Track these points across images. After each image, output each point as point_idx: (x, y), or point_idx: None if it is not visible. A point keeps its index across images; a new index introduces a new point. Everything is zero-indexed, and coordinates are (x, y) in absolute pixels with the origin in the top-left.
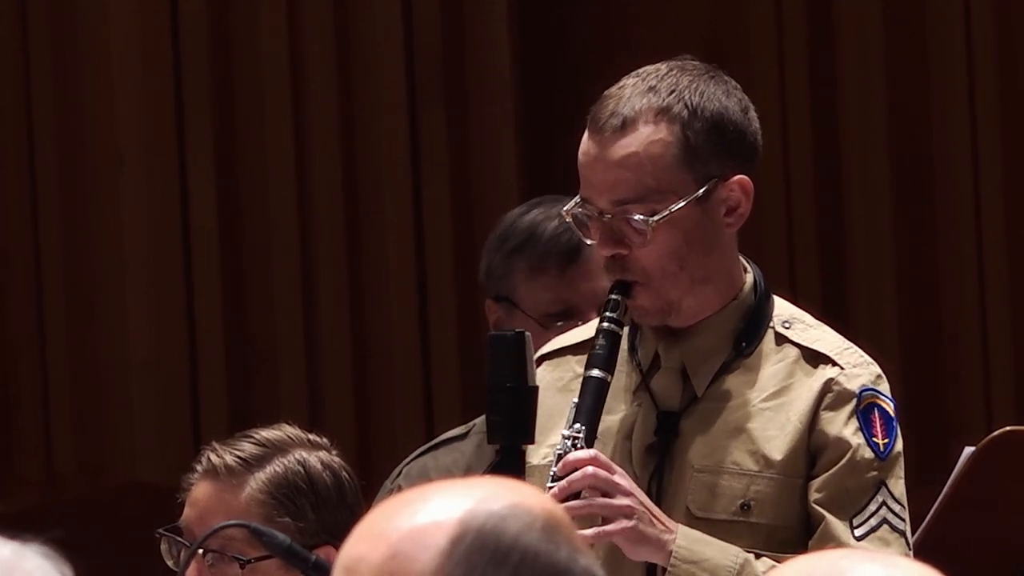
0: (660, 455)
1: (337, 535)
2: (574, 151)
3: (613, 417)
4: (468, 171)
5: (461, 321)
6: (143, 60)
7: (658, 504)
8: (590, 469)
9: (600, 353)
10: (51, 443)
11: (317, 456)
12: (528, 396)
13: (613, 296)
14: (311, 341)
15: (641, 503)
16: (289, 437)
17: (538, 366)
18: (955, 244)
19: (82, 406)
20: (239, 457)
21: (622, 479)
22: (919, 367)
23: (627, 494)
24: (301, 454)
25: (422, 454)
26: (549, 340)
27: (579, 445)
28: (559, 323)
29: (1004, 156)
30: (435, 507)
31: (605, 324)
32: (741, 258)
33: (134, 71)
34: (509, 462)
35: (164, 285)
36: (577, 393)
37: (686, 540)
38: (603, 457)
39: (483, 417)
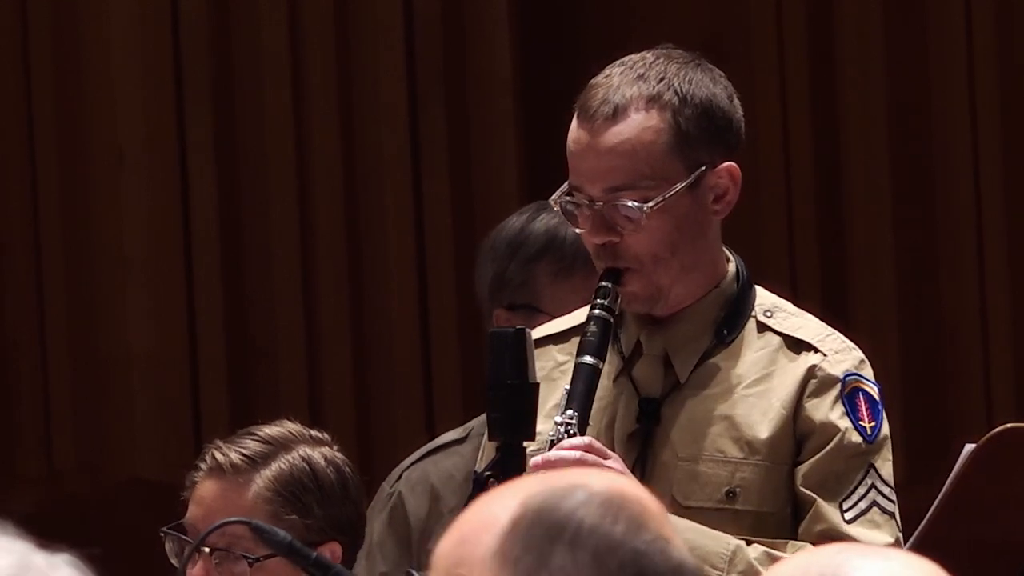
0: (642, 443)
1: (342, 530)
2: None
3: (595, 405)
4: (468, 168)
5: (462, 318)
6: (143, 56)
7: None
8: (579, 453)
9: (592, 340)
10: (51, 440)
11: (320, 452)
12: (529, 393)
13: (603, 283)
14: (311, 337)
15: None
16: (292, 433)
17: None
18: (955, 242)
19: (82, 403)
20: (244, 455)
21: (616, 463)
22: (919, 364)
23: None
24: (305, 451)
25: (421, 459)
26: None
27: (572, 432)
28: None
29: (1004, 154)
30: (507, 495)
31: (596, 311)
32: (724, 248)
33: (134, 67)
34: (510, 459)
35: (164, 281)
36: (558, 383)
37: (677, 527)
38: (597, 444)
39: (481, 418)
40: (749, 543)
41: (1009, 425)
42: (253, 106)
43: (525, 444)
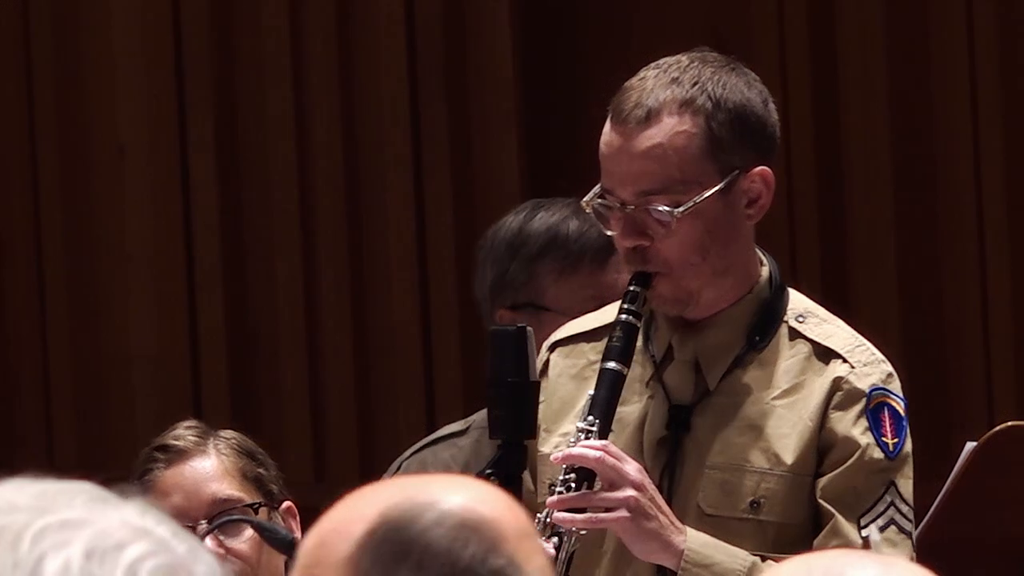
0: (671, 450)
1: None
2: (574, 147)
3: (625, 408)
4: (469, 167)
5: (462, 315)
6: (145, 51)
7: (669, 500)
8: (599, 453)
9: (617, 345)
10: (52, 437)
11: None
12: (529, 391)
13: (632, 288)
14: (313, 334)
15: (651, 499)
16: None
17: (551, 352)
18: (957, 239)
19: (83, 399)
20: (191, 435)
21: (632, 469)
22: (921, 362)
23: (636, 487)
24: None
25: (420, 449)
26: None
27: (592, 438)
28: None
29: (1006, 151)
30: (371, 500)
31: (623, 316)
32: (758, 250)
33: (136, 62)
34: (510, 457)
35: (166, 278)
36: (590, 381)
37: (696, 543)
38: (613, 448)
39: (481, 412)
40: (764, 559)
41: (1010, 423)
42: (254, 103)
43: (526, 442)
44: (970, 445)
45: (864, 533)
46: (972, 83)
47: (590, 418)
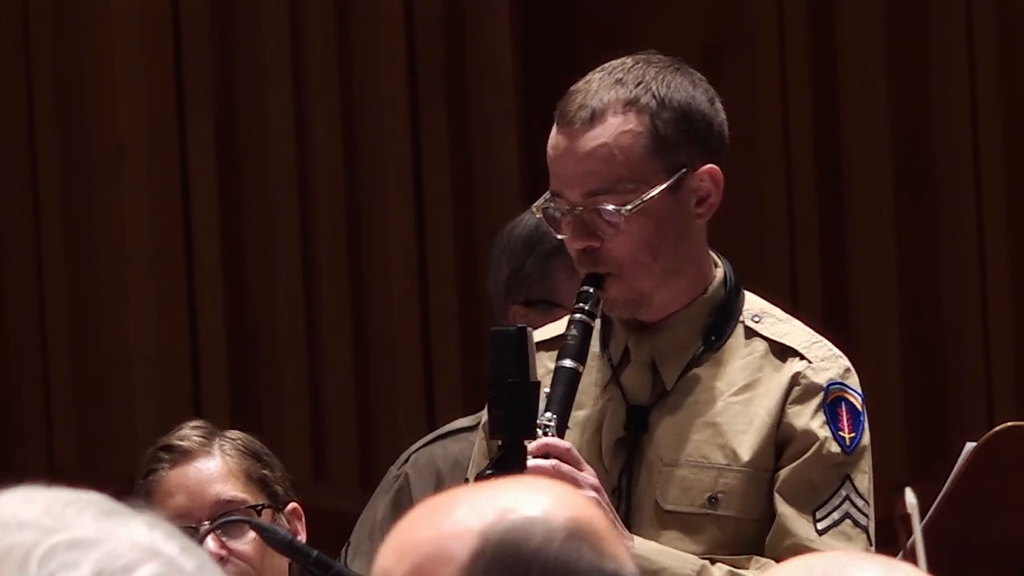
0: (630, 449)
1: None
2: None
3: (583, 412)
4: (469, 166)
5: (462, 315)
6: (145, 51)
7: (628, 498)
8: (554, 462)
9: (572, 344)
10: (52, 437)
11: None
12: (530, 391)
13: (585, 288)
14: (313, 334)
15: (608, 503)
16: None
17: None
18: (957, 241)
19: (83, 399)
20: (196, 435)
21: (590, 476)
22: (921, 363)
23: (595, 490)
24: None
25: (431, 442)
26: None
27: (550, 434)
28: None
29: (1005, 152)
30: (458, 518)
31: (577, 315)
32: (711, 252)
33: (136, 62)
34: (511, 457)
35: (165, 278)
36: (548, 386)
37: (643, 549)
38: (575, 453)
39: None
40: (713, 562)
41: (1010, 423)
42: (254, 103)
43: (526, 443)
44: (970, 445)
45: (819, 527)
46: (972, 83)
47: (548, 415)
